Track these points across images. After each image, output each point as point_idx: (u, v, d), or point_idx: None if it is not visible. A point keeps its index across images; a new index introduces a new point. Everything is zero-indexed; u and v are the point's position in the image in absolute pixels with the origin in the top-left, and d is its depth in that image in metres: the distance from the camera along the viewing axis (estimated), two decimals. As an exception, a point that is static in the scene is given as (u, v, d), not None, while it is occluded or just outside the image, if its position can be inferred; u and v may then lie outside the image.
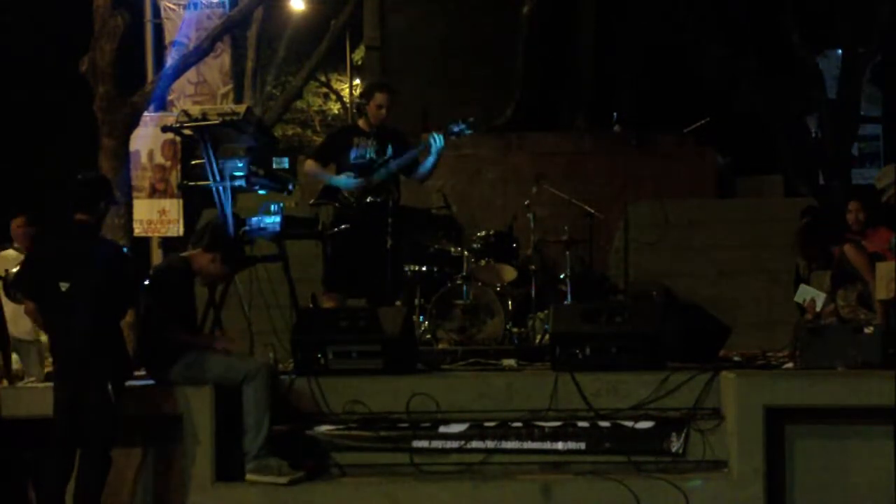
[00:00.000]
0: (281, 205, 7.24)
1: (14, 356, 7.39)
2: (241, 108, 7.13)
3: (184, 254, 6.28)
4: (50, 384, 5.90)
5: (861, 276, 6.69)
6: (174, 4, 15.21)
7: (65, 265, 5.60)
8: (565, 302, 8.06)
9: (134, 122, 10.87)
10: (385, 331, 6.38)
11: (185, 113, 7.04)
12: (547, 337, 7.02)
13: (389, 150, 7.62)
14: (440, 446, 6.06)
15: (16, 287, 6.25)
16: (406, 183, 8.09)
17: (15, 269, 6.68)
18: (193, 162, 7.16)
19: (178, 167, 14.20)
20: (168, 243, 14.46)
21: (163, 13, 15.32)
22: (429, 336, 7.54)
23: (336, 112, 24.24)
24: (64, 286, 5.55)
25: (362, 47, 15.66)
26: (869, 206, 8.20)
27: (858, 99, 15.63)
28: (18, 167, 19.06)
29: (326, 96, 24.44)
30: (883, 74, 17.43)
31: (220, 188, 6.88)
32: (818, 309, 7.03)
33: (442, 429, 6.07)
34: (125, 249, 6.42)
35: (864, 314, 6.59)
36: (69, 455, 5.56)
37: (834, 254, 6.88)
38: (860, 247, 6.95)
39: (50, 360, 6.59)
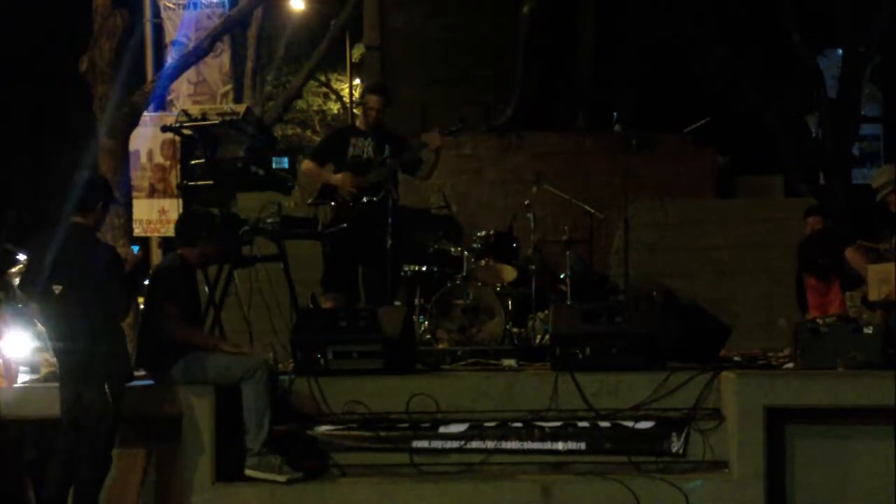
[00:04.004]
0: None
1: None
2: (241, 108, 7.16)
3: (178, 251, 6.28)
4: (50, 385, 5.90)
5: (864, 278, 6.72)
6: (174, 4, 15.22)
7: (59, 268, 5.59)
8: (565, 302, 8.05)
9: (133, 122, 10.87)
10: (385, 331, 6.38)
11: (185, 113, 7.06)
12: (547, 337, 7.01)
13: (387, 150, 7.65)
14: (440, 446, 6.06)
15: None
16: (406, 183, 8.09)
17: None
18: (193, 162, 7.16)
19: (178, 167, 14.19)
20: (168, 243, 14.46)
21: (162, 13, 15.32)
22: (429, 336, 7.53)
23: (336, 112, 24.24)
24: (57, 289, 5.54)
25: (362, 46, 15.65)
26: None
27: (858, 99, 15.61)
28: (18, 167, 19.08)
29: (326, 96, 24.43)
30: (883, 74, 17.41)
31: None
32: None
33: (442, 429, 6.07)
34: (135, 249, 6.41)
35: (868, 315, 6.60)
36: (73, 456, 5.56)
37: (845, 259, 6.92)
38: (862, 250, 6.98)
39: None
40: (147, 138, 14.04)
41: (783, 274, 9.04)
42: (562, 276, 8.43)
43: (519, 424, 6.05)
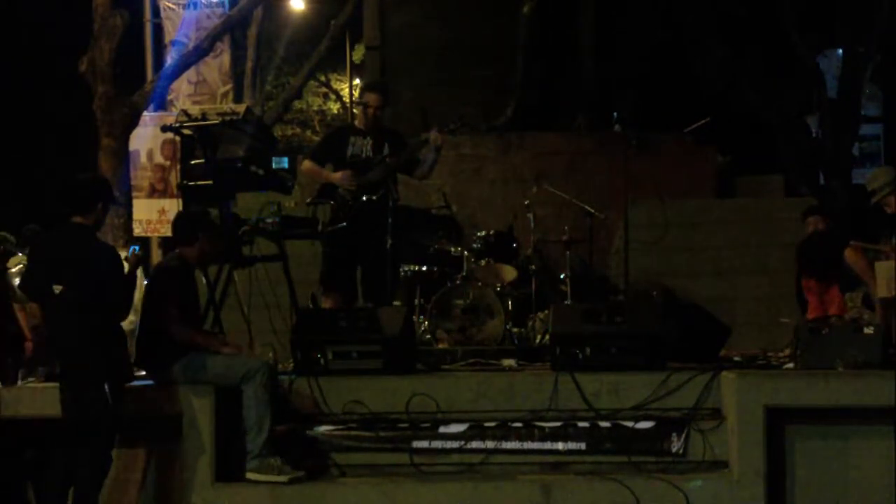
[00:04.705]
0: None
1: None
2: (241, 108, 7.18)
3: (177, 251, 6.29)
4: (50, 384, 5.91)
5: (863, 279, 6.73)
6: (174, 4, 15.22)
7: (58, 268, 5.59)
8: (565, 302, 8.05)
9: (133, 122, 10.89)
10: (385, 331, 6.38)
11: (185, 113, 7.07)
12: (547, 337, 7.01)
13: (386, 149, 7.65)
14: (440, 446, 6.07)
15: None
16: (406, 182, 8.09)
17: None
18: (193, 162, 7.17)
19: (178, 167, 14.18)
20: (168, 243, 14.46)
21: (162, 13, 15.33)
22: (429, 336, 7.53)
23: (336, 112, 24.25)
24: (57, 289, 5.54)
25: (362, 47, 15.65)
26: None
27: (858, 99, 15.59)
28: (18, 167, 19.08)
29: (326, 96, 24.45)
30: (883, 74, 17.40)
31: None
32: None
33: (442, 429, 6.07)
34: (136, 249, 6.41)
35: (869, 315, 6.61)
36: (73, 456, 5.56)
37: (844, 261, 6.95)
38: (859, 250, 6.98)
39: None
40: (147, 138, 14.04)
41: (783, 274, 9.03)
42: (562, 276, 8.42)
43: (519, 424, 6.06)
